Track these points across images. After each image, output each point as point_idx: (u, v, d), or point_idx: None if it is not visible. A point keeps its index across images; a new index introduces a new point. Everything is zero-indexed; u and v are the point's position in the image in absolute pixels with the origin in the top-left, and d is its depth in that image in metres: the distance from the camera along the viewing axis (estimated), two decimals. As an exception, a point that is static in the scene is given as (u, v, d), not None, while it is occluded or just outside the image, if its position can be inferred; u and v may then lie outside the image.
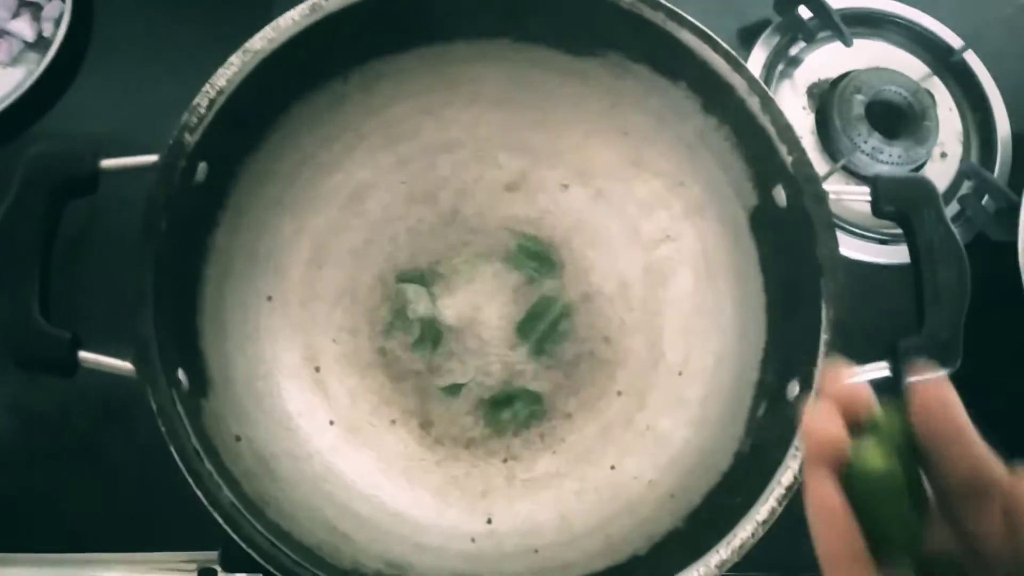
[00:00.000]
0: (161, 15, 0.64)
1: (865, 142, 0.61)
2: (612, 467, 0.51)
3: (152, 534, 0.52)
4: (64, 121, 0.60)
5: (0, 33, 0.60)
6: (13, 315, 0.37)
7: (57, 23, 0.60)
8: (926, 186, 0.43)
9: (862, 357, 0.43)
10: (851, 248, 0.61)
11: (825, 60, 0.66)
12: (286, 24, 0.43)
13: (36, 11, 0.61)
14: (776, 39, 0.66)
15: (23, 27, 0.60)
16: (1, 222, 0.38)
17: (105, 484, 0.53)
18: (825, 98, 0.64)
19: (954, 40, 0.67)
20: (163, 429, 0.38)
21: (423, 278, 0.53)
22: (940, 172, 0.64)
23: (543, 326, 0.52)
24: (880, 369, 0.42)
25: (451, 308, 0.53)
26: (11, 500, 0.53)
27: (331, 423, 0.50)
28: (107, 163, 0.40)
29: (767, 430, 0.46)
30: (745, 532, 0.40)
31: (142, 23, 0.63)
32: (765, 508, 0.40)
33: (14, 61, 0.60)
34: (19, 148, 0.57)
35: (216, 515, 0.37)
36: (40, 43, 0.61)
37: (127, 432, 0.53)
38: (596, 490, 0.50)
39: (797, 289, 0.45)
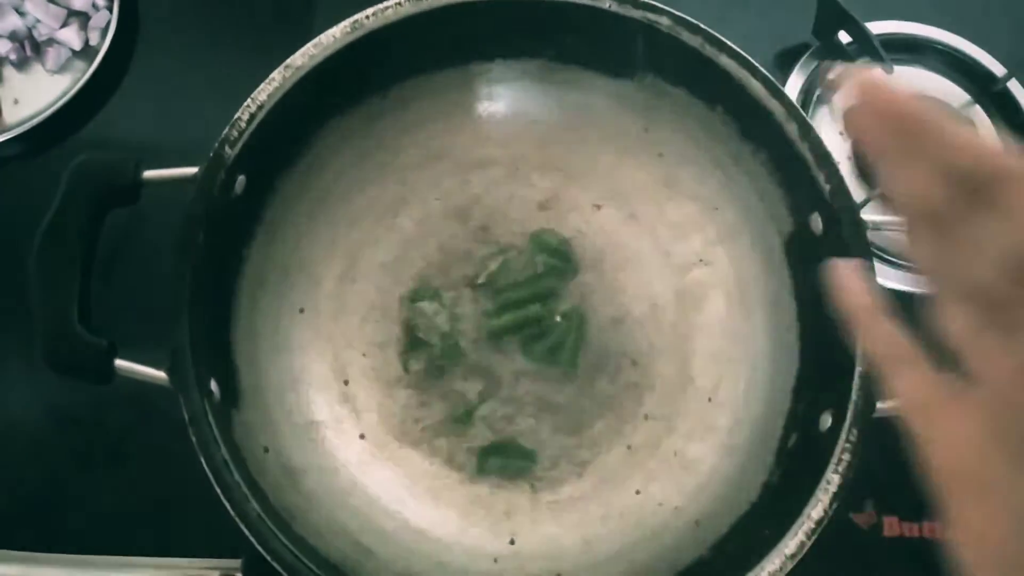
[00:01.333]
0: (205, 29, 0.65)
1: (903, 170, 0.60)
2: (637, 492, 0.50)
3: (176, 540, 0.53)
4: (107, 129, 0.61)
5: (49, 42, 0.61)
6: (53, 322, 0.38)
7: (104, 33, 0.61)
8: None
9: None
10: (892, 278, 0.60)
11: (864, 86, 0.65)
12: (328, 41, 0.44)
13: (84, 21, 0.62)
14: (815, 64, 0.65)
15: (71, 36, 0.61)
16: (45, 230, 0.39)
17: (133, 488, 0.54)
18: (863, 124, 0.63)
19: (997, 68, 0.66)
20: (194, 439, 0.38)
21: (440, 295, 0.53)
22: (980, 202, 0.63)
23: (568, 341, 0.52)
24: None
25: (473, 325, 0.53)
26: (42, 500, 0.54)
27: (361, 437, 0.50)
28: (149, 174, 0.41)
29: (798, 461, 0.45)
30: (773, 565, 0.39)
31: (186, 36, 0.64)
32: (794, 542, 0.40)
33: (61, 69, 0.61)
34: (63, 154, 0.59)
35: (243, 526, 0.37)
36: (86, 52, 0.62)
37: (157, 437, 0.54)
38: (621, 515, 0.50)
39: (832, 318, 0.44)
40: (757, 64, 0.45)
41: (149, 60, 0.63)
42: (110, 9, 0.62)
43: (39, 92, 0.59)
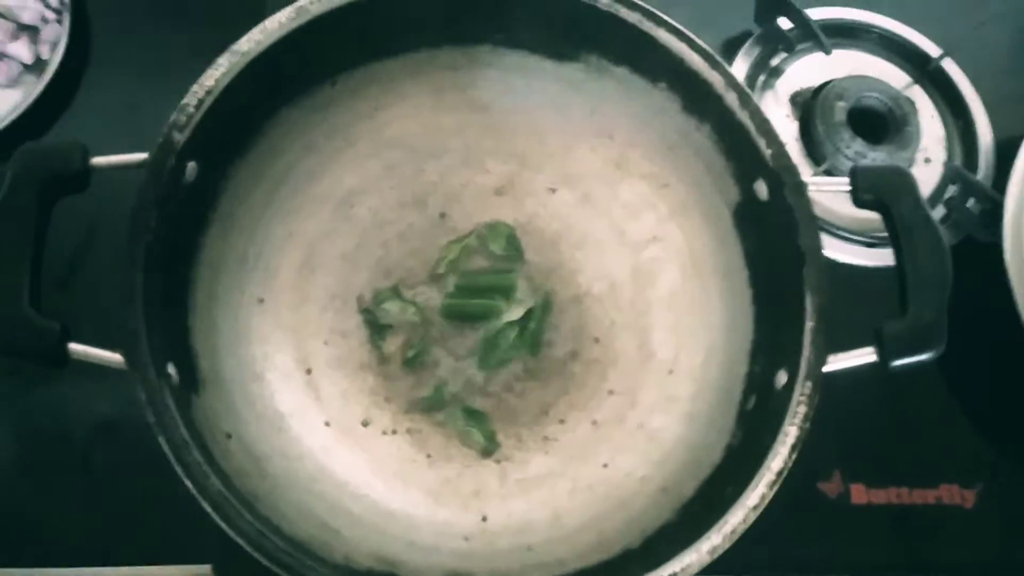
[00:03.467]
0: (160, 34, 0.65)
1: (848, 147, 0.62)
2: (605, 465, 0.51)
3: (144, 548, 0.52)
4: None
5: (-1, 56, 0.61)
6: (2, 308, 0.37)
7: (54, 46, 0.62)
8: (903, 174, 0.44)
9: (844, 343, 0.43)
10: (839, 251, 0.62)
11: (806, 70, 0.67)
12: (272, 26, 0.44)
13: (34, 34, 0.62)
14: (757, 50, 0.67)
15: (21, 50, 0.61)
16: (-9, 217, 0.39)
17: (98, 497, 0.53)
18: (807, 106, 0.65)
19: (932, 48, 0.68)
20: (152, 418, 0.38)
21: (398, 292, 0.53)
22: (924, 177, 0.65)
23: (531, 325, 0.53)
24: (867, 355, 0.43)
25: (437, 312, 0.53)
26: (4, 514, 0.52)
27: (326, 424, 0.50)
28: (97, 160, 0.41)
29: (758, 421, 0.45)
30: (736, 518, 0.40)
31: (140, 43, 0.64)
32: (755, 494, 0.40)
33: (12, 83, 0.61)
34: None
35: (205, 504, 0.37)
36: (38, 65, 0.62)
37: (122, 446, 0.53)
38: (589, 488, 0.50)
39: (782, 280, 0.46)
40: (695, 37, 0.47)
41: (104, 70, 0.64)
42: (60, 22, 0.62)
43: (-11, 106, 0.59)
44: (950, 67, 0.68)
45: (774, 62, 0.68)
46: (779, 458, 0.41)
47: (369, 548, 0.44)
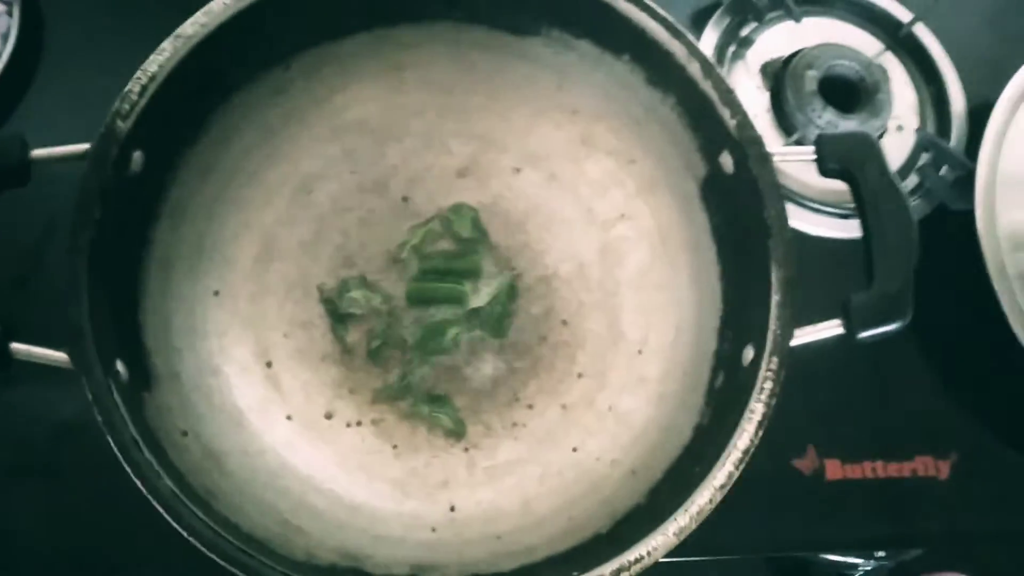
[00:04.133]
0: (114, 23, 0.63)
1: (820, 117, 0.61)
2: (574, 449, 0.50)
3: (112, 558, 0.51)
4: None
5: (-53, 51, 0.59)
6: (-64, 306, 0.36)
7: (5, 38, 0.60)
8: (868, 141, 0.43)
9: (817, 318, 0.42)
10: (810, 223, 0.61)
11: (777, 40, 0.66)
12: (218, 8, 0.43)
13: (-18, 28, 0.60)
14: (727, 21, 0.66)
15: (-31, 44, 0.59)
16: (-75, 214, 0.37)
17: (61, 501, 0.52)
18: (778, 76, 0.64)
19: (903, 14, 0.67)
20: (99, 419, 0.37)
21: (365, 281, 0.52)
22: (897, 145, 0.64)
23: (496, 310, 0.52)
24: (834, 327, 0.42)
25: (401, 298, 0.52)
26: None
27: (288, 418, 0.49)
28: (38, 152, 0.40)
29: (726, 399, 0.45)
30: (703, 498, 0.39)
31: (93, 33, 0.63)
32: (722, 473, 0.39)
33: (-38, 77, 0.60)
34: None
35: (156, 503, 0.36)
36: (-11, 59, 0.60)
37: (84, 448, 0.52)
38: (559, 473, 0.49)
39: (748, 254, 0.45)
40: (655, 6, 0.45)
41: (57, 61, 0.62)
42: (10, 14, 0.60)
43: (-61, 102, 0.57)
44: (922, 32, 0.67)
45: (744, 32, 0.66)
46: (745, 435, 0.40)
47: (333, 543, 0.44)
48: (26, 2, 0.61)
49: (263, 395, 0.49)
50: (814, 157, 0.44)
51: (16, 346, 0.37)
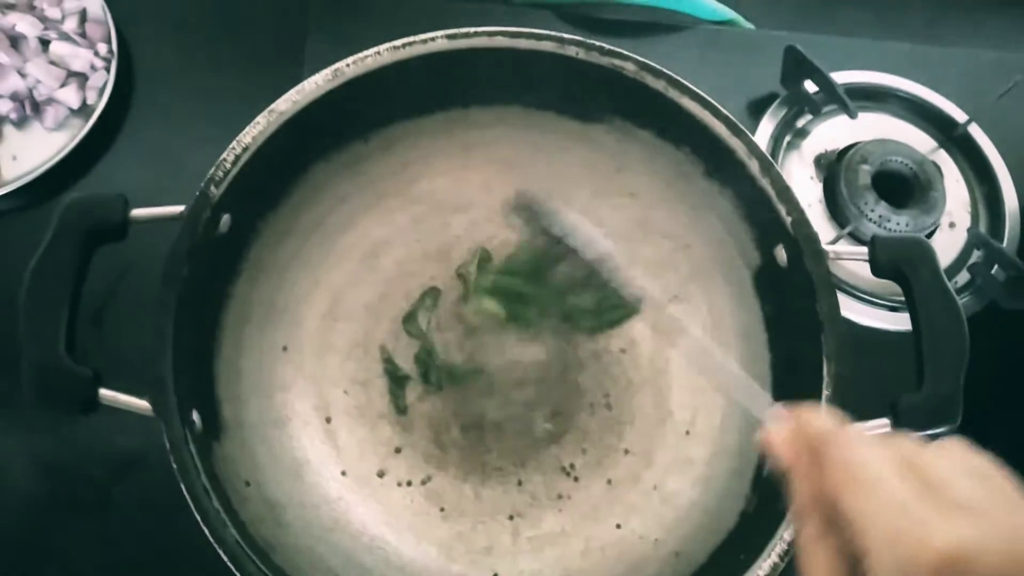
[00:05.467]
0: (199, 83, 0.67)
1: (872, 210, 0.62)
2: (618, 526, 0.51)
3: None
4: (101, 183, 0.63)
5: (48, 101, 0.63)
6: (40, 351, 0.39)
7: (101, 92, 0.64)
8: (922, 245, 0.44)
9: (866, 415, 0.43)
10: (861, 314, 0.61)
11: (831, 132, 0.68)
12: (310, 88, 0.46)
13: (83, 81, 0.65)
14: (783, 112, 0.68)
15: (69, 95, 0.64)
16: (36, 264, 0.40)
17: (116, 536, 0.54)
18: (832, 168, 0.66)
19: (958, 114, 0.69)
20: (175, 466, 0.39)
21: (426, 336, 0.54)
22: (949, 242, 0.65)
23: None
24: (882, 426, 0.43)
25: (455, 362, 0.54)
26: (25, 548, 0.54)
27: (343, 474, 0.51)
28: (137, 212, 0.42)
29: (773, 488, 0.45)
30: (747, 587, 0.39)
31: (180, 92, 0.67)
32: (767, 563, 0.40)
33: (59, 126, 0.64)
34: (56, 207, 0.61)
35: (221, 552, 0.38)
36: (84, 110, 0.64)
37: (139, 485, 0.54)
38: (601, 549, 0.50)
39: (800, 346, 0.46)
40: (718, 104, 0.48)
41: (144, 116, 0.66)
42: (107, 70, 0.65)
43: (37, 149, 0.61)
44: (976, 133, 0.68)
45: (799, 123, 0.68)
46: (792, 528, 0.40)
47: (380, 602, 0.45)
48: (122, 59, 0.65)
49: (321, 449, 0.51)
50: (867, 257, 0.45)
51: (104, 392, 0.40)
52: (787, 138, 0.68)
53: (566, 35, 0.48)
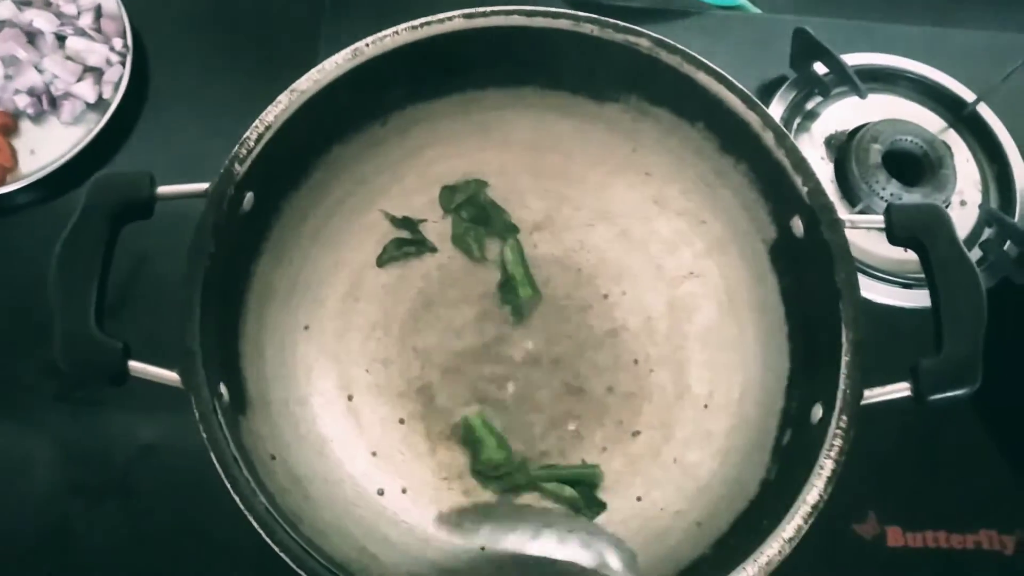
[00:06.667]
0: (213, 78, 0.68)
1: (883, 188, 0.63)
2: (639, 499, 0.51)
3: (178, 569, 0.53)
4: (119, 173, 0.64)
5: (65, 96, 0.64)
6: (71, 323, 0.40)
7: (116, 86, 0.65)
8: (937, 212, 0.45)
9: (884, 381, 0.44)
10: (874, 291, 0.62)
11: (842, 113, 0.69)
12: (330, 67, 0.47)
13: (98, 75, 0.65)
14: (793, 94, 0.69)
15: (86, 90, 0.64)
16: (65, 240, 0.41)
17: (136, 518, 0.55)
18: (843, 148, 0.66)
19: (966, 94, 0.69)
20: (204, 435, 0.39)
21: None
22: (961, 220, 0.66)
23: None
24: (902, 390, 0.43)
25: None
26: (50, 535, 0.54)
27: (372, 453, 0.51)
28: (163, 189, 0.43)
29: (793, 456, 0.46)
30: (772, 550, 0.40)
31: (195, 85, 0.68)
32: (791, 526, 0.40)
33: (76, 120, 0.64)
34: (74, 199, 0.62)
35: (252, 519, 0.38)
36: (100, 104, 0.65)
37: (159, 470, 0.55)
38: (623, 521, 0.50)
39: (818, 315, 0.46)
40: (732, 79, 0.48)
41: (159, 109, 0.67)
42: (123, 64, 0.66)
43: (54, 143, 0.62)
44: (985, 112, 0.69)
45: (809, 105, 0.69)
46: (815, 491, 0.41)
47: (404, 573, 0.45)
48: (137, 54, 0.66)
49: (344, 426, 0.51)
50: (883, 225, 0.45)
51: (133, 364, 0.40)
52: (797, 120, 0.68)
53: (581, 12, 0.49)
